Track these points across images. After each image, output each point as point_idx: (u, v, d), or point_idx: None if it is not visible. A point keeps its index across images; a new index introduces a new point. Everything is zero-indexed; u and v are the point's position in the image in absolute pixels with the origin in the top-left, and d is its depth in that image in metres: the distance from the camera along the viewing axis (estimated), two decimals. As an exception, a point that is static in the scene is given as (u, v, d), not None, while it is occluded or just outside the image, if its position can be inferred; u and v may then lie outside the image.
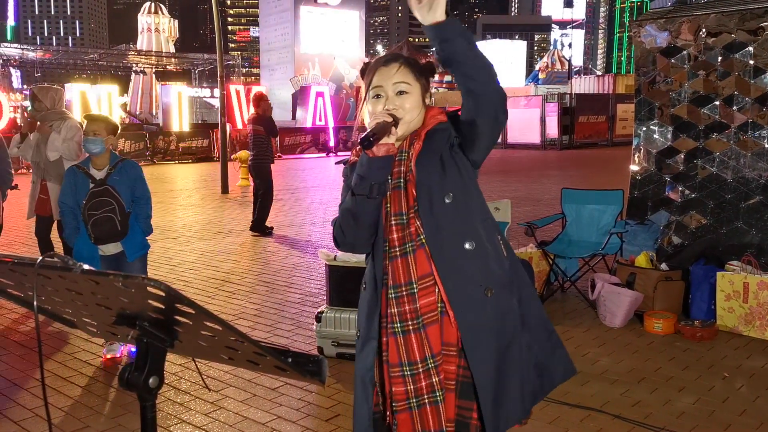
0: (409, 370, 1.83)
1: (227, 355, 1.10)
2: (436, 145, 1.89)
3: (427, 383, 1.83)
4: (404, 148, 1.93)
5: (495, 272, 1.87)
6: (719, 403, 3.62)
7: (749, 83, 5.23)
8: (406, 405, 1.84)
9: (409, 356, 1.83)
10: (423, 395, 1.83)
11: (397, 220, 1.88)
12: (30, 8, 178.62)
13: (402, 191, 1.89)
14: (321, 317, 4.37)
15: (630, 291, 4.95)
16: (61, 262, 0.94)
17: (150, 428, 1.09)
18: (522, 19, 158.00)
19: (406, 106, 1.89)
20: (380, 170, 1.85)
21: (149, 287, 0.86)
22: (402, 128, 1.88)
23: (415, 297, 1.83)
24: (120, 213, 4.10)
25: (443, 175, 1.86)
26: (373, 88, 1.92)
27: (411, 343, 1.83)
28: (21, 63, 30.77)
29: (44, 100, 5.50)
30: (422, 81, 1.94)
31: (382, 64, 1.92)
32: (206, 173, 18.24)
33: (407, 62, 1.93)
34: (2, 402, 3.69)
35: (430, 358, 1.82)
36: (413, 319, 1.83)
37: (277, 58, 44.77)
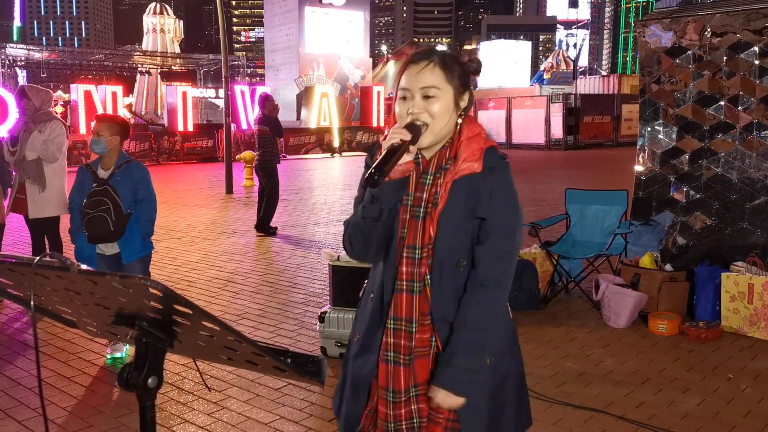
0: (392, 397, 1.80)
1: (226, 356, 1.10)
2: (464, 203, 1.74)
3: (407, 410, 1.80)
4: (430, 170, 1.79)
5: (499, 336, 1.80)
6: (724, 404, 3.60)
7: (754, 83, 5.21)
8: (386, 426, 1.82)
9: (394, 384, 1.80)
10: (401, 421, 1.80)
11: (409, 254, 1.78)
12: (36, 9, 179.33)
13: (420, 222, 1.77)
14: (324, 317, 4.37)
15: (634, 292, 4.93)
16: (58, 262, 0.94)
17: (150, 428, 1.09)
18: (527, 20, 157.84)
19: (433, 110, 1.73)
20: (393, 193, 1.75)
21: (146, 287, 0.85)
22: (428, 137, 1.74)
23: (412, 336, 1.79)
24: (115, 213, 4.08)
25: (461, 240, 1.75)
26: (401, 89, 1.77)
27: (399, 374, 1.79)
28: (27, 63, 30.84)
29: (34, 99, 5.47)
30: (455, 83, 1.76)
31: (412, 61, 1.77)
32: (211, 173, 18.26)
33: (441, 61, 1.76)
34: (6, 401, 3.70)
35: (413, 387, 1.79)
36: (405, 355, 1.79)
37: (282, 59, 44.80)
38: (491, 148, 1.77)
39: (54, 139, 5.38)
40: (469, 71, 1.81)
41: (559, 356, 4.29)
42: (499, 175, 1.75)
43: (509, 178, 1.78)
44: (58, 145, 5.40)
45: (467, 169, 1.72)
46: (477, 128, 1.81)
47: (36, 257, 0.94)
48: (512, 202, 1.77)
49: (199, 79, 36.09)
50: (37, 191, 5.38)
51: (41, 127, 5.39)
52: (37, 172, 5.36)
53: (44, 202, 5.42)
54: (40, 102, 5.50)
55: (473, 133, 1.78)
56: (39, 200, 5.40)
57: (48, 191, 5.42)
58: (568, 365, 4.18)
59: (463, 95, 1.79)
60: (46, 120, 5.44)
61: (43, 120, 5.43)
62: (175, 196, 13.43)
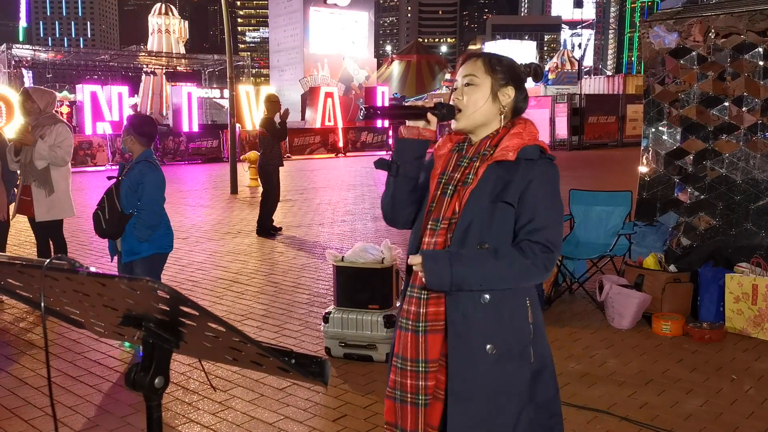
0: (401, 363, 1.88)
1: (231, 356, 1.12)
2: (492, 186, 1.82)
3: (413, 383, 1.85)
4: (468, 153, 1.93)
5: (507, 334, 1.81)
6: (727, 405, 3.61)
7: (759, 84, 5.20)
8: (392, 393, 1.90)
9: (405, 351, 1.87)
10: (407, 393, 1.86)
11: (431, 225, 1.89)
12: (42, 10, 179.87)
13: (447, 199, 1.88)
14: (328, 318, 4.39)
15: (638, 293, 4.94)
16: (68, 265, 0.96)
17: (156, 427, 1.11)
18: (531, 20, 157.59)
19: (470, 97, 1.90)
20: (401, 152, 1.93)
21: (154, 289, 0.87)
22: (462, 121, 1.91)
23: (422, 303, 1.86)
24: (109, 212, 4.08)
25: (486, 222, 1.81)
26: (454, 81, 1.98)
27: (408, 341, 1.87)
28: (32, 64, 30.94)
29: (39, 101, 5.43)
30: (496, 77, 1.90)
31: (464, 59, 1.97)
32: (215, 174, 18.31)
33: (486, 57, 1.94)
34: (13, 401, 3.72)
35: (423, 362, 1.84)
36: (415, 321, 1.87)
37: (287, 59, 44.83)
38: (536, 145, 1.86)
39: (62, 143, 5.37)
40: (523, 74, 1.96)
41: (562, 357, 4.30)
42: (536, 168, 1.82)
43: (549, 174, 1.84)
44: (66, 149, 5.40)
45: (501, 156, 1.83)
46: (530, 128, 1.91)
47: (46, 260, 0.96)
48: (551, 198, 1.83)
49: (204, 79, 36.18)
50: (43, 195, 5.38)
51: (45, 131, 5.34)
52: (45, 176, 5.35)
53: (50, 205, 5.43)
54: (44, 104, 5.48)
55: (523, 130, 1.89)
56: (45, 203, 5.41)
57: (54, 194, 5.43)
58: (571, 366, 4.19)
59: (506, 89, 1.91)
60: (51, 123, 5.41)
61: (47, 123, 5.41)
62: (180, 196, 13.47)
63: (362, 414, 3.55)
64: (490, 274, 1.76)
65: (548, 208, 1.81)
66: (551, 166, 1.86)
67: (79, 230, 8.93)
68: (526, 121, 1.94)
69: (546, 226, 1.79)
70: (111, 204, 4.09)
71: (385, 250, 4.44)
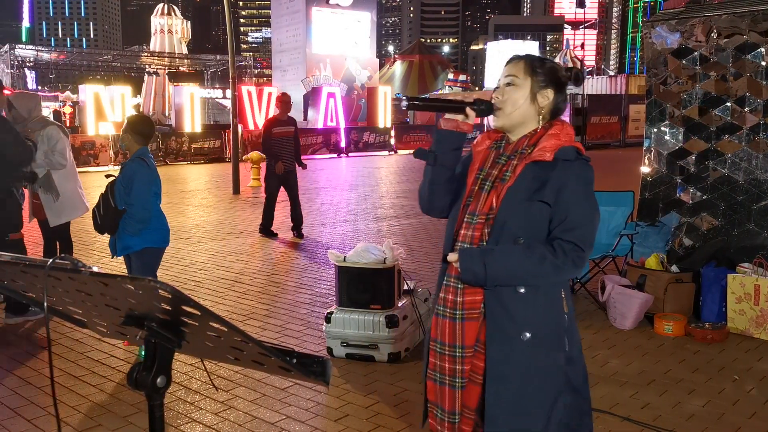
0: (439, 348, 2.00)
1: (233, 356, 1.12)
2: (529, 184, 1.90)
3: (450, 367, 1.97)
4: (506, 151, 2.01)
5: (542, 323, 1.91)
6: (729, 405, 3.60)
7: (761, 84, 5.20)
8: (432, 375, 2.03)
9: (442, 336, 1.99)
10: (445, 375, 1.99)
11: (468, 219, 1.98)
12: (45, 10, 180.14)
13: (484, 194, 1.97)
14: (330, 318, 4.39)
15: (640, 293, 4.94)
16: (70, 265, 0.96)
17: (158, 426, 1.11)
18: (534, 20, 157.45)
19: (509, 96, 1.98)
20: (439, 142, 2.03)
21: (156, 289, 0.88)
22: (501, 119, 2.00)
23: (459, 292, 1.97)
24: (104, 208, 4.22)
25: (522, 219, 1.90)
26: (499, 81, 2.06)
27: (445, 328, 1.98)
28: (35, 64, 31.02)
29: (20, 109, 5.32)
30: (536, 79, 1.98)
31: (509, 60, 2.06)
32: (218, 174, 18.32)
33: (529, 59, 2.02)
34: (16, 400, 3.73)
35: (460, 347, 1.96)
36: (452, 309, 1.98)
37: (289, 59, 44.82)
38: (572, 146, 1.93)
39: (54, 147, 5.31)
40: (564, 78, 2.04)
41: (564, 357, 4.29)
42: (572, 168, 1.90)
43: (584, 174, 1.92)
44: (60, 152, 5.35)
45: (538, 156, 1.91)
46: (567, 129, 1.99)
47: (49, 260, 0.97)
48: (585, 198, 1.91)
49: (206, 79, 36.22)
50: (51, 200, 5.38)
51: (35, 137, 5.27)
52: (48, 182, 5.34)
53: (61, 208, 5.43)
54: (26, 111, 5.35)
55: (560, 131, 1.97)
56: (54, 207, 5.41)
57: (61, 197, 5.43)
58: (573, 366, 4.19)
59: (545, 91, 1.99)
60: (41, 128, 5.34)
61: (37, 128, 5.33)
62: (183, 196, 13.49)
63: (364, 414, 3.56)
64: (521, 271, 1.86)
65: (582, 208, 1.89)
66: (587, 167, 1.93)
67: (82, 230, 8.94)
68: (563, 123, 2.02)
69: (579, 226, 1.87)
70: (106, 200, 4.23)
71: (387, 251, 4.44)
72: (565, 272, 1.88)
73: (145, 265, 4.35)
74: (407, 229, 9.37)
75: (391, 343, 4.28)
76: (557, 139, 1.93)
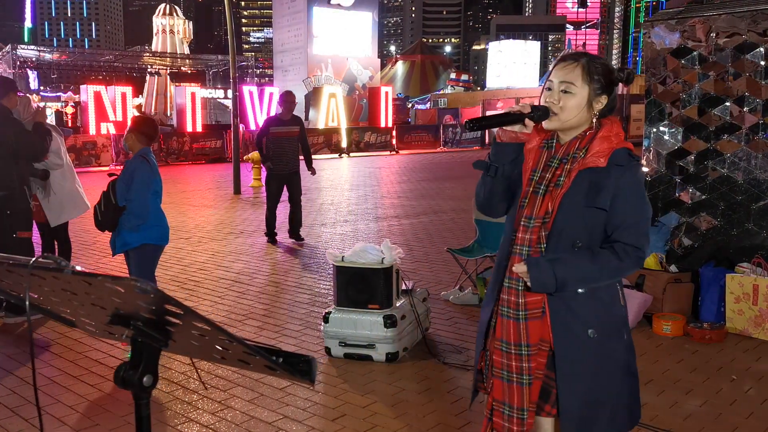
0: (505, 347, 2.08)
1: (220, 355, 1.12)
2: (586, 191, 1.95)
3: (517, 365, 2.05)
4: (558, 154, 2.05)
5: (604, 317, 2.01)
6: (726, 405, 3.60)
7: (760, 84, 5.19)
8: (500, 373, 2.09)
9: (508, 336, 2.07)
10: (513, 373, 2.06)
11: (525, 222, 2.05)
12: (47, 10, 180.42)
13: (540, 198, 2.02)
14: (328, 318, 4.39)
15: (639, 293, 4.93)
16: (53, 263, 0.96)
17: (145, 425, 1.12)
18: (536, 20, 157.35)
19: (566, 104, 1.99)
20: (499, 154, 2.06)
21: (137, 288, 0.88)
22: (554, 123, 2.01)
23: (520, 293, 2.04)
24: (104, 205, 4.26)
25: (580, 224, 1.97)
26: (548, 80, 2.06)
27: (510, 328, 2.06)
28: (37, 65, 31.09)
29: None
30: (593, 86, 2.00)
31: (562, 59, 2.06)
32: (219, 174, 18.33)
33: (587, 64, 2.01)
34: (14, 400, 3.74)
35: (525, 346, 2.04)
36: (515, 310, 2.06)
37: (290, 60, 44.81)
38: (623, 148, 1.98)
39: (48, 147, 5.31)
40: (617, 79, 2.05)
41: (562, 357, 4.29)
42: (626, 173, 1.95)
43: (637, 177, 1.99)
44: (55, 152, 5.36)
45: (592, 162, 1.95)
46: (616, 129, 2.02)
47: (32, 258, 0.97)
48: (640, 200, 1.98)
49: (208, 79, 36.26)
50: (48, 200, 5.39)
51: None
52: (44, 183, 5.36)
53: (58, 208, 5.44)
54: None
55: (611, 132, 2.00)
56: (53, 207, 5.42)
57: (59, 196, 5.43)
58: (571, 366, 4.19)
59: (600, 97, 2.02)
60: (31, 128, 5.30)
61: None
62: (183, 196, 13.51)
63: (361, 414, 3.56)
64: (588, 276, 1.95)
65: (638, 210, 1.96)
66: (639, 170, 2.00)
67: (83, 230, 8.95)
68: (612, 122, 2.04)
69: (636, 227, 1.95)
70: (107, 197, 4.26)
71: (385, 250, 4.44)
72: (628, 272, 1.98)
73: (143, 262, 4.38)
74: (407, 229, 9.38)
75: (389, 342, 4.28)
76: (609, 143, 1.98)
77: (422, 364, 4.27)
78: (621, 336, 2.06)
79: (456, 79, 57.02)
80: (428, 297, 4.94)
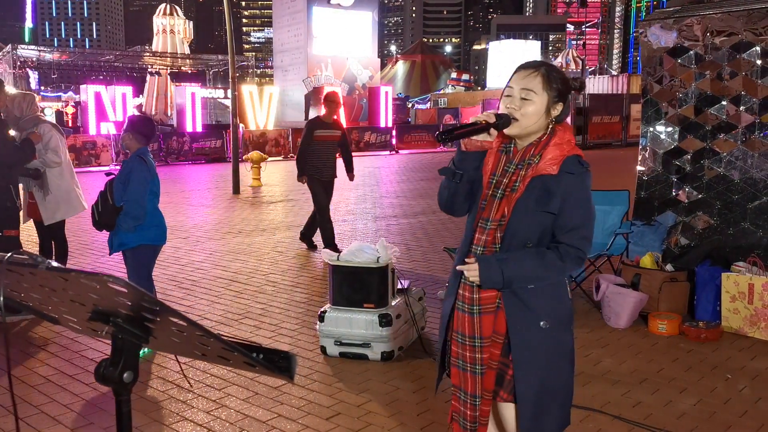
0: (461, 339, 2.22)
1: (200, 351, 1.13)
2: (537, 196, 2.08)
3: (471, 356, 2.19)
4: (515, 159, 2.16)
5: (554, 311, 2.14)
6: (720, 404, 3.60)
7: (756, 83, 5.19)
8: (456, 362, 2.24)
9: (463, 329, 2.21)
10: (467, 363, 2.20)
11: (482, 224, 2.18)
12: (47, 10, 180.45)
13: (497, 201, 2.15)
14: (324, 317, 4.39)
15: (635, 292, 4.93)
16: (29, 259, 0.97)
17: (125, 422, 1.12)
18: (536, 19, 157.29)
19: (527, 111, 2.10)
20: (464, 162, 2.18)
21: (109, 284, 0.88)
22: (515, 129, 2.12)
23: (475, 289, 2.17)
24: (102, 205, 4.28)
25: (532, 227, 2.10)
26: (507, 87, 2.16)
27: (465, 321, 2.20)
28: (38, 65, 31.13)
29: (14, 109, 5.34)
30: (551, 93, 2.11)
31: (522, 67, 2.16)
32: (218, 174, 18.33)
33: (546, 73, 2.12)
34: (8, 399, 3.74)
35: (479, 338, 2.17)
36: (470, 305, 2.19)
37: (290, 59, 44.76)
38: (574, 156, 2.10)
39: (47, 144, 5.33)
40: (572, 87, 2.18)
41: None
42: (575, 180, 2.08)
43: (585, 184, 2.11)
44: (53, 150, 5.37)
45: (545, 170, 2.08)
46: (568, 136, 2.15)
47: (7, 254, 0.98)
48: (585, 205, 2.11)
49: (208, 79, 36.29)
50: (42, 196, 5.39)
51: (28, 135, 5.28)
52: (41, 180, 5.36)
53: (55, 207, 5.44)
54: (20, 110, 5.37)
55: (563, 140, 2.13)
56: (48, 206, 5.42)
57: (55, 195, 5.43)
58: (566, 365, 4.19)
59: (557, 105, 2.14)
60: (33, 126, 5.34)
61: (29, 127, 5.34)
62: (182, 196, 13.51)
63: (356, 413, 3.56)
64: (533, 275, 2.09)
65: (583, 213, 2.10)
66: (587, 177, 2.12)
67: (81, 229, 8.96)
68: (565, 128, 2.17)
69: (579, 231, 2.09)
70: (104, 197, 4.28)
71: (380, 249, 4.45)
72: (569, 271, 2.14)
73: (139, 262, 4.40)
74: (405, 229, 9.38)
75: (384, 341, 4.28)
76: (561, 150, 2.10)
77: (417, 363, 4.27)
78: (569, 329, 2.20)
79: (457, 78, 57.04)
80: (424, 296, 4.94)
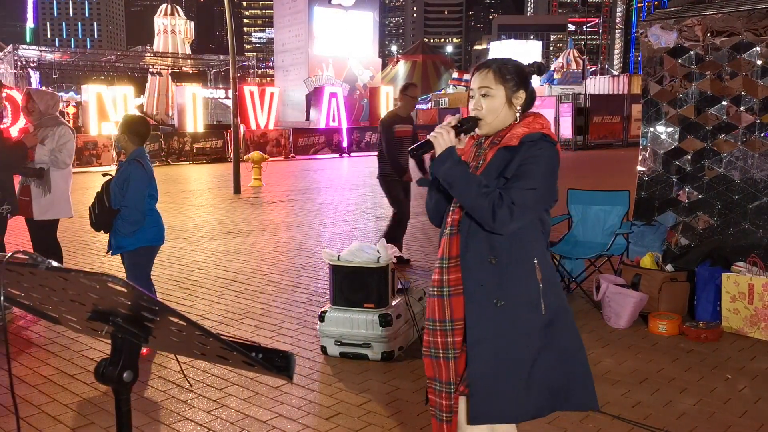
0: (431, 325, 2.20)
1: (199, 351, 1.13)
2: (497, 166, 2.12)
3: (443, 341, 2.17)
4: (485, 145, 2.22)
5: (514, 289, 2.09)
6: (720, 404, 3.60)
7: (757, 83, 5.19)
8: (428, 352, 2.21)
9: (433, 314, 2.20)
10: (439, 349, 2.18)
11: (452, 207, 2.22)
12: (49, 11, 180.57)
13: None
14: (324, 317, 4.40)
15: (635, 292, 4.93)
16: (29, 259, 0.97)
17: (125, 421, 1.12)
18: (537, 20, 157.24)
19: (488, 106, 2.17)
20: None
21: (109, 283, 0.89)
22: (484, 128, 2.19)
23: (444, 270, 2.17)
24: (99, 207, 4.28)
25: None
26: (469, 90, 2.25)
27: (435, 306, 2.19)
28: (39, 65, 31.10)
29: (39, 102, 5.42)
30: (508, 85, 2.16)
31: (476, 69, 2.22)
32: (219, 174, 18.34)
33: (497, 68, 2.18)
34: (9, 398, 3.75)
35: (449, 321, 2.15)
36: (439, 287, 2.19)
37: (291, 60, 44.77)
38: (539, 132, 2.11)
39: (63, 146, 5.37)
40: (529, 73, 2.22)
41: (557, 356, 4.29)
42: (533, 146, 2.08)
43: (543, 151, 2.08)
44: (68, 152, 5.42)
45: (506, 142, 2.12)
46: (538, 119, 2.16)
47: (7, 254, 0.98)
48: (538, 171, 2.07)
49: (209, 79, 36.28)
50: (41, 194, 5.40)
51: (47, 133, 5.34)
52: (44, 177, 5.38)
53: (49, 205, 5.45)
54: (44, 106, 5.45)
55: (530, 121, 2.16)
56: (44, 202, 5.43)
57: (53, 194, 5.44)
58: (566, 365, 4.19)
59: (518, 93, 2.18)
60: (53, 125, 5.40)
61: (49, 125, 5.40)
62: (183, 196, 13.51)
63: (356, 412, 3.57)
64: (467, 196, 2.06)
65: (533, 177, 2.06)
66: (549, 147, 2.10)
67: (81, 229, 8.97)
68: (535, 116, 2.19)
69: (522, 190, 2.04)
70: (99, 199, 4.28)
71: (380, 249, 4.45)
72: (497, 220, 2.02)
73: (138, 264, 4.40)
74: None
75: (384, 341, 4.29)
76: (526, 127, 2.13)
77: (418, 363, 4.27)
78: (537, 309, 2.10)
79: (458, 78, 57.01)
80: (425, 296, 4.94)
